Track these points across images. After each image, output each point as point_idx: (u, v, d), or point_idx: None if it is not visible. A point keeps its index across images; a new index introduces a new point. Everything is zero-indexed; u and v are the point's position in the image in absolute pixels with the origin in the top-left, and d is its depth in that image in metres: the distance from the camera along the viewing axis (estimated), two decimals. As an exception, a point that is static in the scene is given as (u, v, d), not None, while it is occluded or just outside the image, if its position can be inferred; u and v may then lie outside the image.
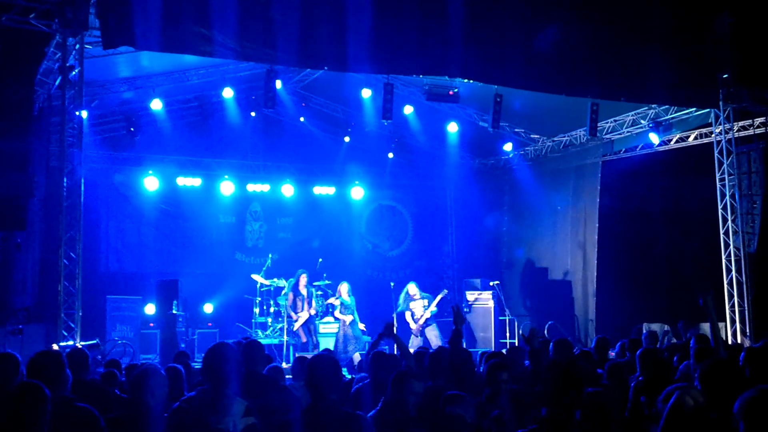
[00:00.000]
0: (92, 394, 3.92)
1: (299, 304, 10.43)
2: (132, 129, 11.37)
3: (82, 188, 7.68)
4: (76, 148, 7.65)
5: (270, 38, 7.62)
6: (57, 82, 8.07)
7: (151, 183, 12.46)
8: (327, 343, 10.10)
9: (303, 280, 10.55)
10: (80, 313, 7.52)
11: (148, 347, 10.68)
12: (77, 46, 7.53)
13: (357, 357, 8.78)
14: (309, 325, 10.46)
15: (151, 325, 10.94)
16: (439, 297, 10.61)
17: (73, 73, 7.60)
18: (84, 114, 8.01)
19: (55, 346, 7.02)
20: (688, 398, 2.57)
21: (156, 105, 11.07)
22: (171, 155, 12.46)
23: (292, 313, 10.45)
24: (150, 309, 11.10)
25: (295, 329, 10.43)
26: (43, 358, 3.31)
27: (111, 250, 12.40)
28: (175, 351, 7.37)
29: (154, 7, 6.99)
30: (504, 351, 6.90)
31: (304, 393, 3.87)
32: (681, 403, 2.53)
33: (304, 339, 10.42)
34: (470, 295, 12.31)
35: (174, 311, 10.26)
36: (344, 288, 10.47)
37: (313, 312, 10.48)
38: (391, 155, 13.71)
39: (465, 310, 11.82)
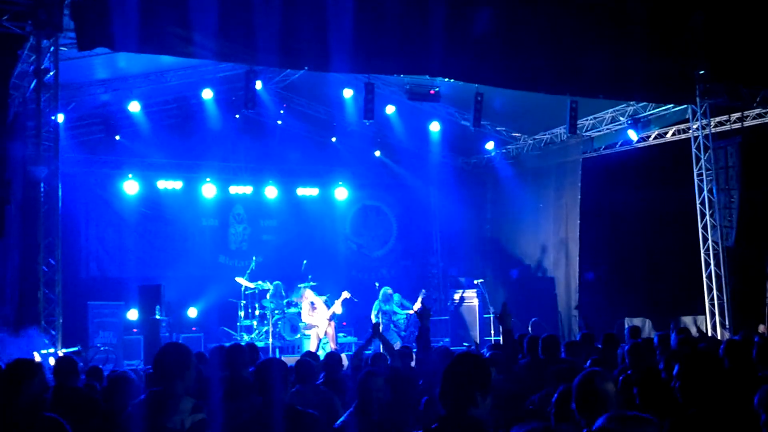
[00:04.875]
0: (76, 402, 3.87)
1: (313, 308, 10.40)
2: (111, 131, 11.22)
3: (60, 193, 7.56)
4: (52, 153, 7.52)
5: (249, 38, 7.56)
6: (32, 86, 7.92)
7: (131, 187, 12.30)
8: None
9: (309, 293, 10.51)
10: (61, 320, 7.40)
11: (132, 353, 10.54)
12: (52, 48, 7.40)
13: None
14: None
15: (135, 330, 10.80)
16: (420, 298, 10.69)
17: (49, 75, 7.47)
18: (60, 117, 7.89)
19: (36, 355, 6.90)
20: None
21: (134, 107, 10.92)
22: (151, 158, 12.31)
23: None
24: (133, 314, 10.96)
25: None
26: (12, 367, 3.26)
27: (91, 255, 12.21)
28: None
29: (130, 7, 6.89)
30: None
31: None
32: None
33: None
34: (455, 294, 12.36)
35: (157, 316, 10.15)
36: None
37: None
38: (378, 153, 13.72)
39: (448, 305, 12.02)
